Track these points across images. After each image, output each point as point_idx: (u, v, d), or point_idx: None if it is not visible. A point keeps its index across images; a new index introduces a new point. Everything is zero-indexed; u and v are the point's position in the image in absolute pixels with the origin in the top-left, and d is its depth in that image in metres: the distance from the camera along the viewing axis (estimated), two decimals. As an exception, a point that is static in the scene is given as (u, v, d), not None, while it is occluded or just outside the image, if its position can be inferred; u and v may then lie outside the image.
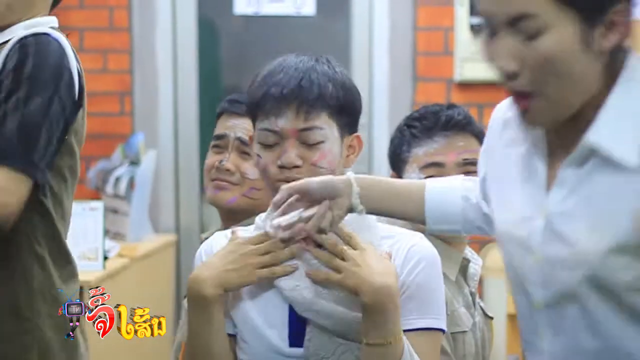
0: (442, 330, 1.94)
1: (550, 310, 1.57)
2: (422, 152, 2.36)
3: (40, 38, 2.17)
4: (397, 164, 2.42)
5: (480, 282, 4.56)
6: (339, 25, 4.76)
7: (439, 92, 4.56)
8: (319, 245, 1.91)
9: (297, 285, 1.91)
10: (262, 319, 1.93)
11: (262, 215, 2.00)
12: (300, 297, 1.90)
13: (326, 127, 1.92)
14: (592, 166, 1.48)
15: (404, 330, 1.88)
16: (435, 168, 2.34)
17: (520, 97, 1.50)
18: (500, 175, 1.67)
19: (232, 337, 1.98)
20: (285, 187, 1.89)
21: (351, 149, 2.00)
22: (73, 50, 2.22)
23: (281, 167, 1.91)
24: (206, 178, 2.48)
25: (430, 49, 4.62)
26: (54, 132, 2.17)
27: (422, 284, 1.91)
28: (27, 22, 2.22)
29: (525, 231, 1.57)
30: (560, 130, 1.53)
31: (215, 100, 4.86)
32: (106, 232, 3.87)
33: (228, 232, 2.05)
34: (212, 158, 2.47)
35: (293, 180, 1.88)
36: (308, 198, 1.87)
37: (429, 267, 1.93)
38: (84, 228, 3.55)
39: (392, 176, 2.45)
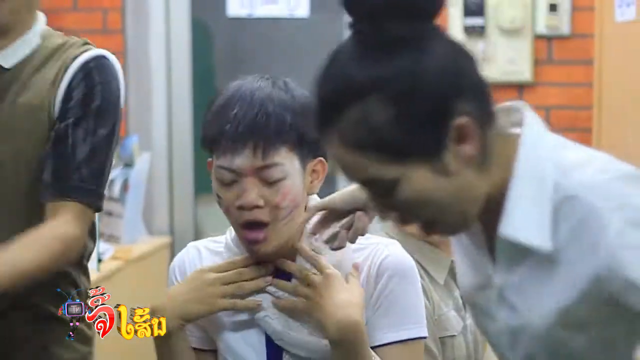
0: (424, 337, 1.93)
1: None
2: None
3: (101, 63, 2.15)
4: None
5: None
6: (332, 27, 4.76)
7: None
8: (282, 273, 1.90)
9: (266, 315, 1.90)
10: (240, 339, 1.93)
11: (233, 232, 1.95)
12: (269, 327, 1.89)
13: (286, 162, 1.83)
14: (520, 252, 1.46)
15: (382, 345, 1.88)
16: None
17: (423, 228, 1.49)
18: (457, 240, 1.64)
19: (210, 351, 1.98)
20: (312, 207, 1.87)
21: (314, 174, 1.89)
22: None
23: (240, 208, 1.83)
24: None
25: (424, 50, 4.61)
26: (112, 158, 2.18)
27: (396, 298, 1.90)
28: (40, 29, 2.19)
29: (483, 300, 1.57)
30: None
31: (208, 102, 4.87)
32: (100, 235, 3.86)
33: (200, 243, 2.02)
34: None
35: (257, 222, 1.83)
36: (336, 214, 1.85)
37: (402, 279, 1.90)
38: (78, 230, 3.55)
39: None
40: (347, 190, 1.85)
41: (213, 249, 1.98)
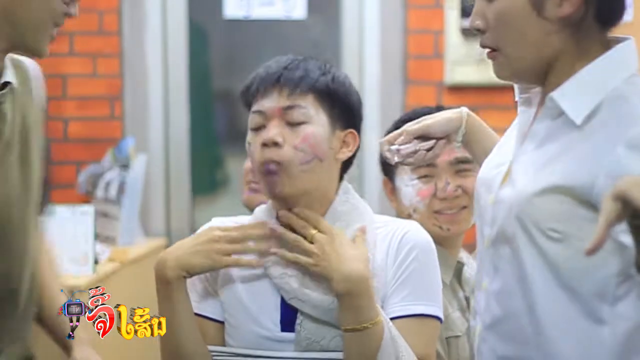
0: (438, 319, 1.95)
1: (493, 249, 1.71)
2: None
3: None
4: (389, 168, 2.42)
5: (472, 285, 4.57)
6: (329, 29, 4.76)
7: (430, 95, 4.56)
8: (291, 230, 1.93)
9: (284, 272, 1.92)
10: (254, 303, 1.95)
11: (262, 206, 2.01)
12: (287, 285, 1.91)
13: (310, 108, 1.92)
14: (561, 122, 1.63)
15: (398, 317, 1.90)
16: (427, 168, 2.35)
17: (489, 51, 1.70)
18: (507, 132, 1.84)
19: (220, 323, 1.99)
20: (406, 131, 2.00)
21: (345, 144, 1.98)
22: None
23: (263, 145, 1.90)
24: (244, 180, 2.53)
25: (421, 52, 4.62)
26: None
27: (415, 271, 1.93)
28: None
29: (492, 174, 1.74)
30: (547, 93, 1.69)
31: (205, 104, 4.87)
32: (96, 237, 3.86)
33: (224, 218, 2.06)
34: (248, 162, 2.49)
35: (274, 161, 1.89)
36: (426, 137, 2.00)
37: (423, 254, 1.94)
38: (74, 232, 3.55)
39: (384, 182, 2.45)
40: (444, 115, 2.00)
41: (236, 221, 2.02)
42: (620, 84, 1.62)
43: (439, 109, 2.42)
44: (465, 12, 4.47)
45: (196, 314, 1.98)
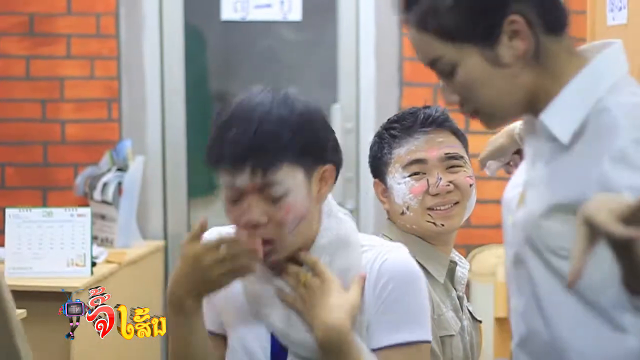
0: (426, 341, 1.94)
1: (515, 270, 1.72)
2: (403, 151, 2.38)
3: None
4: (379, 168, 2.43)
5: (468, 286, 4.58)
6: (325, 31, 4.77)
7: (426, 97, 4.56)
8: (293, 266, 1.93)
9: (269, 313, 1.93)
10: (247, 331, 1.95)
11: (222, 229, 2.00)
12: (273, 325, 1.92)
13: (287, 179, 1.85)
14: (557, 143, 1.64)
15: (382, 347, 1.91)
16: (418, 165, 2.36)
17: (470, 115, 1.73)
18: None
19: (222, 337, 2.01)
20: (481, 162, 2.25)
21: (323, 182, 1.92)
22: None
23: (245, 225, 1.86)
24: None
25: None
26: None
27: (395, 301, 1.92)
28: None
29: (512, 194, 1.76)
30: None
31: (202, 106, 4.88)
32: (94, 239, 3.87)
33: (222, 229, 2.04)
34: None
35: (262, 241, 1.86)
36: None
37: (400, 283, 1.92)
38: (71, 234, 3.55)
39: (375, 184, 2.46)
40: (498, 144, 2.26)
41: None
42: (604, 95, 1.61)
43: (426, 106, 2.45)
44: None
45: None
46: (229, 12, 4.70)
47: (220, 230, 2.04)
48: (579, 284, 1.58)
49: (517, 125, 2.16)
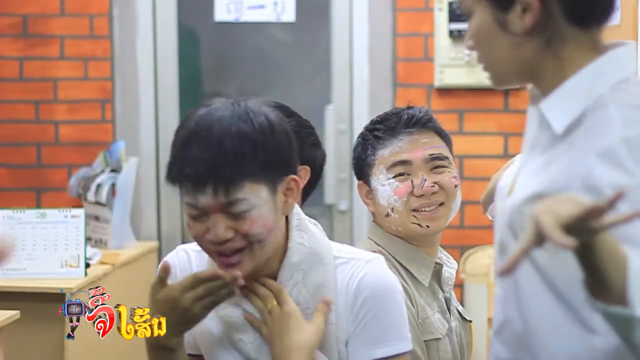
0: (407, 352, 1.95)
1: (499, 258, 1.74)
2: (387, 152, 2.38)
3: None
4: (363, 170, 2.43)
5: (461, 287, 4.59)
6: (319, 32, 4.77)
7: (419, 98, 4.57)
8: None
9: (240, 339, 1.93)
10: (223, 351, 1.96)
11: (187, 247, 2.02)
12: (243, 350, 1.93)
13: (251, 195, 1.82)
14: (552, 132, 1.66)
15: None
16: (402, 166, 2.36)
17: (483, 68, 1.78)
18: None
19: (200, 357, 2.01)
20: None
21: (289, 192, 1.90)
22: None
23: (211, 242, 1.85)
24: None
25: (410, 54, 4.63)
26: None
27: (375, 317, 1.92)
28: None
29: (506, 183, 1.79)
30: None
31: (195, 107, 4.87)
32: (88, 240, 3.87)
33: (188, 247, 2.04)
34: None
35: (230, 254, 1.85)
36: None
37: (379, 299, 1.93)
38: (65, 235, 3.55)
39: (359, 186, 2.45)
40: (491, 187, 2.20)
41: (201, 250, 1.99)
42: (605, 92, 1.62)
43: (409, 107, 2.44)
44: (454, 16, 4.49)
45: None
46: (222, 13, 4.70)
47: (185, 249, 2.05)
48: (553, 277, 1.60)
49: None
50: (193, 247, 2.02)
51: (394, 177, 2.36)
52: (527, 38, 1.66)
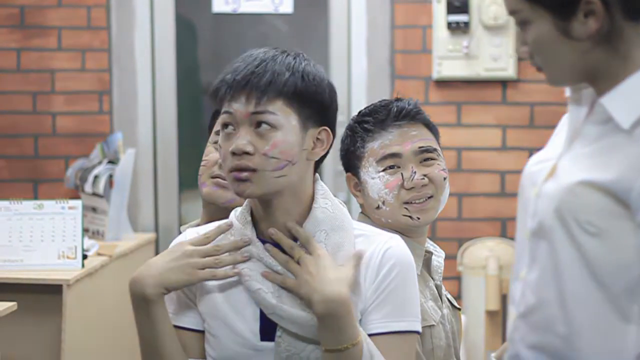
0: (418, 332, 1.97)
1: (533, 241, 1.74)
2: (377, 145, 2.38)
3: None
4: (351, 162, 2.43)
5: (459, 279, 4.59)
6: (317, 23, 4.77)
7: (417, 90, 4.57)
8: (278, 246, 1.94)
9: (259, 288, 1.93)
10: (233, 313, 1.95)
11: (238, 209, 2.02)
12: (264, 301, 1.92)
13: (279, 114, 1.89)
14: (610, 127, 1.68)
15: (379, 333, 1.91)
16: (392, 159, 2.36)
17: (537, 69, 1.79)
18: (557, 129, 1.88)
19: (200, 332, 2.00)
20: None
21: (319, 142, 1.96)
22: None
23: (233, 154, 1.89)
24: (205, 174, 2.44)
25: (408, 47, 4.63)
26: None
27: (396, 289, 1.93)
28: None
29: (538, 168, 1.80)
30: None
31: (193, 99, 4.87)
32: (85, 231, 3.86)
33: (199, 228, 2.07)
34: (214, 154, 2.42)
35: (244, 168, 1.88)
36: None
37: (404, 271, 1.95)
38: (62, 227, 3.55)
39: (347, 178, 2.45)
40: None
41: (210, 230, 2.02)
42: None
43: (398, 99, 2.44)
44: (452, 8, 4.48)
45: (175, 326, 2.00)
46: (220, 4, 4.69)
47: (195, 229, 2.08)
48: (597, 264, 1.63)
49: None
50: (201, 229, 2.05)
51: (383, 169, 2.36)
52: (590, 44, 1.67)
